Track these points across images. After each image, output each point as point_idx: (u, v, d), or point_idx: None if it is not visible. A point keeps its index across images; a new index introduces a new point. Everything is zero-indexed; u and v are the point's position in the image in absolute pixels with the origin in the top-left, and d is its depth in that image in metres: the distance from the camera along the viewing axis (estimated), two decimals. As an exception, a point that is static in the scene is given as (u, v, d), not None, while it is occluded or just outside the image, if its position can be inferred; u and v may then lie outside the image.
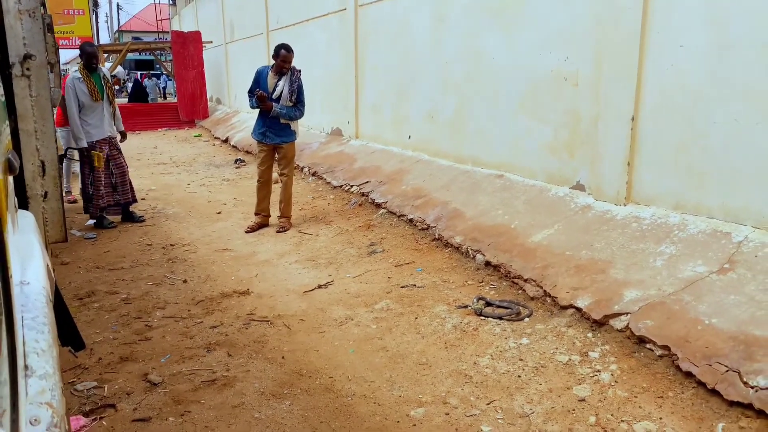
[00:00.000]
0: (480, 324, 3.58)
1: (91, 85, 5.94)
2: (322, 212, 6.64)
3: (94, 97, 5.97)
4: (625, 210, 4.20)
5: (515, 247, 4.32)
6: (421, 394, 2.91)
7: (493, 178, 5.55)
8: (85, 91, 5.92)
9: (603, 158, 4.41)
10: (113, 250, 5.47)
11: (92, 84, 5.95)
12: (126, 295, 4.33)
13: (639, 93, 4.08)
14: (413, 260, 4.83)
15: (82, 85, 5.91)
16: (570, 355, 3.14)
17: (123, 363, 3.31)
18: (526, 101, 5.26)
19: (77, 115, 5.89)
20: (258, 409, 2.82)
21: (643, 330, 3.06)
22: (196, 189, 8.32)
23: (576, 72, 4.65)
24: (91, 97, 5.95)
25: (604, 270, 3.67)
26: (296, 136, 6.08)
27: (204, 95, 17.03)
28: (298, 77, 5.87)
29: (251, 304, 4.12)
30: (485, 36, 5.74)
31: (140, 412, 2.82)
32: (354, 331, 3.67)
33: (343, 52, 8.99)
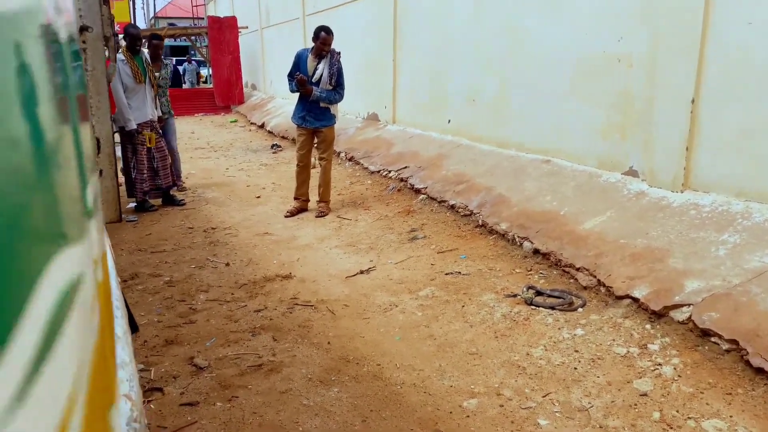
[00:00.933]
0: (531, 314, 3.46)
1: (135, 68, 5.94)
2: (360, 197, 6.56)
3: (138, 80, 5.97)
4: (682, 197, 4.01)
5: (565, 234, 4.17)
6: (473, 385, 2.81)
7: (538, 163, 5.39)
8: (129, 73, 5.92)
9: (658, 142, 4.22)
10: (155, 233, 5.48)
11: (136, 66, 5.95)
12: (169, 277, 4.32)
13: (700, 73, 3.88)
14: (456, 247, 4.72)
15: (126, 67, 5.91)
16: (628, 348, 3.00)
17: (168, 346, 3.29)
18: (574, 83, 5.07)
19: (124, 97, 5.89)
20: (306, 396, 2.76)
21: (707, 322, 2.90)
22: (235, 173, 8.32)
23: (630, 52, 4.45)
24: (135, 80, 5.95)
25: (661, 259, 3.51)
26: (336, 120, 6.00)
27: (239, 81, 17.06)
28: (337, 60, 5.78)
29: (294, 289, 4.07)
30: (530, 16, 5.55)
31: (187, 396, 2.79)
32: (399, 318, 3.58)
33: (380, 36, 8.86)
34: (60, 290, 0.64)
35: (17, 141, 0.56)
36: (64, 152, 0.79)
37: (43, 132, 0.66)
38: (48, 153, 0.68)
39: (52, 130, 0.72)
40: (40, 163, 0.64)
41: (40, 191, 0.64)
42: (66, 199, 0.77)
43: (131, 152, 6.08)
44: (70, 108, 0.94)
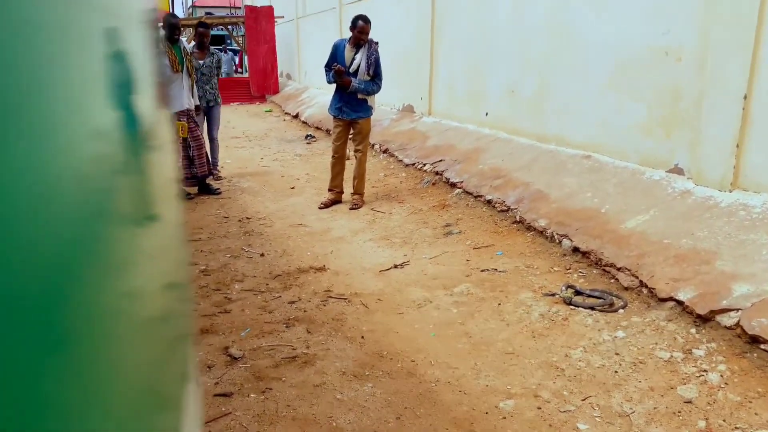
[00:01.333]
0: (570, 314, 3.38)
1: (172, 57, 5.98)
2: (395, 190, 6.51)
3: (174, 69, 6.01)
4: (731, 196, 3.86)
5: (606, 233, 4.06)
6: (510, 385, 2.75)
7: (579, 158, 5.26)
8: (166, 62, 5.96)
9: (706, 140, 4.07)
10: (191, 221, 5.53)
11: (173, 55, 5.99)
12: (204, 266, 4.35)
13: (754, 69, 3.71)
14: (492, 243, 4.64)
15: (163, 56, 5.95)
16: (672, 352, 2.90)
17: (203, 335, 3.31)
18: (617, 77, 4.92)
19: None
20: (340, 390, 2.74)
21: (757, 329, 2.78)
22: (269, 163, 8.35)
23: (679, 46, 4.29)
24: (172, 69, 6.00)
25: (708, 261, 3.38)
26: (372, 112, 5.96)
27: (275, 70, 17.12)
28: (375, 50, 5.73)
29: (328, 281, 4.06)
30: (574, 7, 5.40)
31: (222, 386, 2.79)
32: (434, 314, 3.53)
33: (418, 27, 8.76)
34: None
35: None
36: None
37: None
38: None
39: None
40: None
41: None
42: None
43: (168, 141, 6.13)
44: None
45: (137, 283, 0.59)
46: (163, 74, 5.96)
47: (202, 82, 7.12)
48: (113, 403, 0.52)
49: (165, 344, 0.64)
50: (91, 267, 0.49)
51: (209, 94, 7.20)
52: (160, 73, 1.06)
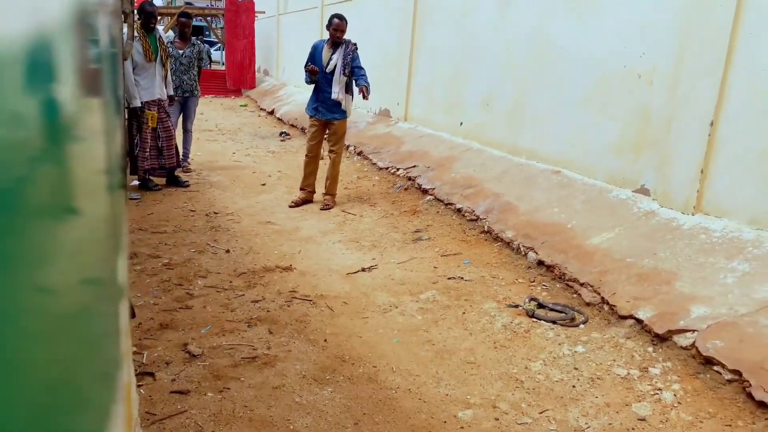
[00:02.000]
0: (532, 326, 3.41)
1: (147, 45, 5.88)
2: (367, 193, 6.50)
3: (148, 58, 5.91)
4: (693, 219, 3.96)
5: (571, 248, 4.12)
6: (469, 395, 2.77)
7: (549, 173, 5.33)
8: (140, 50, 5.86)
9: (673, 162, 4.16)
10: (157, 213, 5.43)
11: (148, 44, 5.89)
12: (168, 260, 4.27)
13: (722, 96, 3.81)
14: (460, 251, 4.67)
15: (138, 44, 5.85)
16: (629, 369, 2.96)
17: (163, 330, 3.25)
18: (592, 95, 5.00)
19: (132, 74, 5.85)
20: (299, 393, 2.72)
21: (711, 350, 2.85)
22: (241, 158, 8.26)
23: (652, 69, 4.39)
24: (145, 57, 5.90)
25: (668, 281, 3.46)
26: (348, 115, 5.95)
27: (252, 65, 16.97)
28: (352, 50, 5.73)
29: (294, 281, 4.03)
30: (554, 23, 5.48)
31: (179, 383, 2.75)
32: (398, 319, 3.53)
33: (399, 31, 8.78)
34: None
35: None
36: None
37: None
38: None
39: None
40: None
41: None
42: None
43: (136, 129, 6.03)
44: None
45: (50, 277, 0.57)
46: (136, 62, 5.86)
47: (179, 72, 7.03)
48: (18, 402, 0.50)
49: (83, 342, 0.61)
50: None
51: (186, 84, 7.10)
52: (104, 59, 1.02)
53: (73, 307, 0.60)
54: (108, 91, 1.00)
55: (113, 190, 0.98)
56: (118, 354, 0.88)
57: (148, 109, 5.97)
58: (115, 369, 0.79)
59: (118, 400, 0.78)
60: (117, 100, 1.21)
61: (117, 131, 1.14)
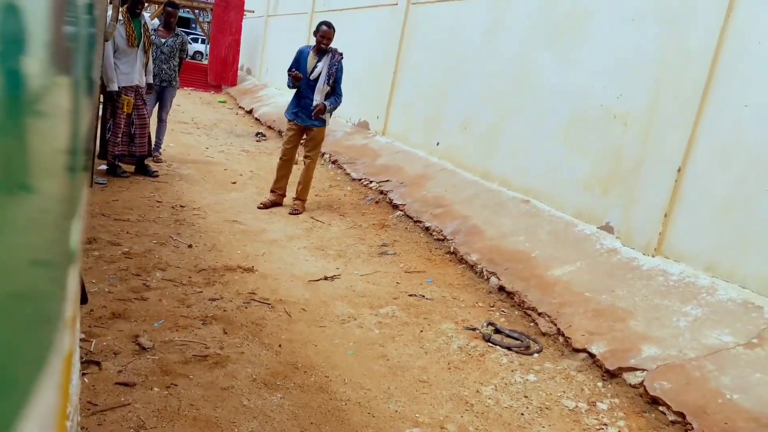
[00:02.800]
0: (487, 350, 3.43)
1: (131, 30, 5.80)
2: (338, 202, 6.49)
3: (130, 43, 5.83)
4: (653, 261, 4.05)
5: (533, 277, 4.17)
6: (419, 414, 2.76)
7: (518, 201, 5.40)
8: (123, 35, 5.78)
9: (639, 203, 4.26)
10: (122, 200, 5.33)
11: (132, 29, 5.81)
12: (128, 248, 4.19)
13: (691, 144, 3.93)
14: (424, 269, 4.68)
15: (121, 28, 5.77)
16: (577, 402, 2.99)
17: (115, 320, 3.17)
18: (568, 130, 5.10)
19: (112, 57, 5.75)
20: (248, 397, 2.68)
21: (658, 391, 2.91)
22: (214, 154, 8.17)
23: (627, 111, 4.50)
24: (127, 42, 5.82)
25: (623, 319, 3.52)
26: (327, 123, 5.95)
27: (236, 63, 16.86)
28: (338, 60, 5.73)
29: (254, 283, 3.98)
30: (538, 56, 5.59)
31: (125, 375, 2.68)
32: (356, 332, 3.52)
33: (385, 46, 8.84)
34: None
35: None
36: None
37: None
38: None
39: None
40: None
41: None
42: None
43: (110, 113, 5.92)
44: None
45: None
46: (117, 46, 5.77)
47: (160, 61, 6.95)
48: None
49: (15, 326, 0.59)
50: None
51: (165, 74, 7.02)
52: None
53: (9, 287, 0.58)
54: (81, 70, 0.98)
55: (74, 171, 0.95)
56: (62, 338, 0.85)
57: (124, 95, 5.88)
58: (54, 355, 0.76)
59: (52, 387, 0.75)
60: (90, 80, 1.19)
61: (86, 112, 1.11)
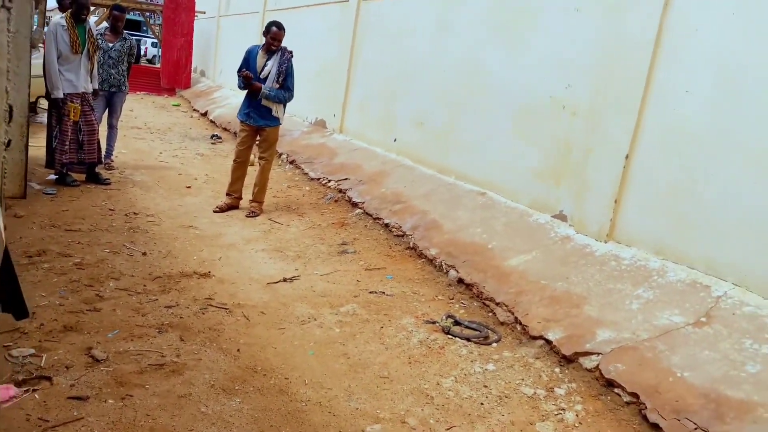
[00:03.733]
0: (447, 343, 3.47)
1: (74, 36, 5.65)
2: (296, 203, 6.45)
3: (75, 50, 5.68)
4: (606, 247, 4.14)
5: (490, 268, 4.22)
6: (380, 410, 2.77)
7: (475, 194, 5.45)
8: (67, 41, 5.63)
9: (590, 191, 4.35)
10: (72, 210, 5.19)
11: (76, 35, 5.66)
12: (80, 259, 4.08)
13: (637, 132, 4.03)
14: (385, 266, 4.69)
15: (65, 34, 5.62)
16: (536, 389, 3.04)
17: (66, 333, 3.09)
18: (519, 122, 5.17)
19: (56, 63, 5.59)
20: (206, 403, 2.64)
21: (613, 373, 2.98)
22: (168, 159, 8.03)
23: (576, 101, 4.59)
24: (72, 49, 5.66)
25: (578, 305, 3.60)
26: (281, 122, 5.90)
27: (189, 65, 16.58)
28: (287, 59, 5.69)
29: (211, 288, 3.93)
30: (488, 50, 5.65)
31: (78, 389, 2.62)
32: (316, 332, 3.51)
33: (338, 44, 8.81)
34: None
35: None
36: None
37: None
38: None
39: None
40: None
41: None
42: None
43: (56, 121, 5.76)
44: None
45: None
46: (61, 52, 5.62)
47: (107, 66, 6.79)
48: None
49: None
50: None
51: (113, 79, 6.86)
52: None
53: None
54: None
55: None
56: None
57: (70, 101, 5.72)
58: None
59: None
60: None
61: None
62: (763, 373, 2.78)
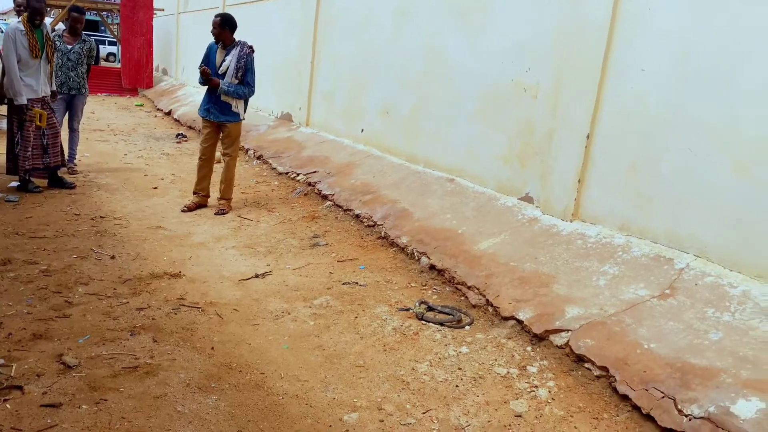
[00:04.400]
0: (421, 328, 3.51)
1: (33, 41, 5.53)
2: (265, 198, 6.42)
3: (34, 54, 5.56)
4: (571, 226, 4.22)
5: (461, 253, 4.27)
6: (356, 398, 2.80)
7: (443, 181, 5.50)
8: (26, 45, 5.51)
9: (554, 173, 4.42)
10: (36, 216, 5.09)
11: (34, 39, 5.54)
12: (46, 266, 4.02)
13: (597, 111, 4.11)
14: (357, 257, 4.71)
15: (24, 39, 5.50)
16: (509, 368, 3.10)
17: (36, 341, 3.05)
18: (483, 107, 5.22)
19: (17, 69, 5.46)
20: (182, 402, 2.64)
21: (583, 349, 3.05)
22: (133, 160, 7.91)
23: (536, 84, 4.65)
24: (31, 54, 5.54)
25: (547, 284, 3.67)
26: (242, 117, 5.84)
27: (150, 64, 16.31)
28: (246, 54, 5.65)
29: (182, 288, 3.91)
30: (448, 37, 5.68)
31: (50, 396, 2.59)
32: (290, 326, 3.52)
33: (301, 36, 8.76)
34: None
35: None
36: None
37: None
38: None
39: None
40: None
41: None
42: None
43: (17, 127, 5.64)
44: None
45: None
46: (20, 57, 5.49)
47: (66, 68, 6.67)
48: None
49: None
50: None
51: (73, 81, 6.73)
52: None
53: None
54: None
55: None
56: None
57: (33, 107, 5.60)
58: None
59: None
60: None
61: None
62: (725, 340, 2.88)
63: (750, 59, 3.27)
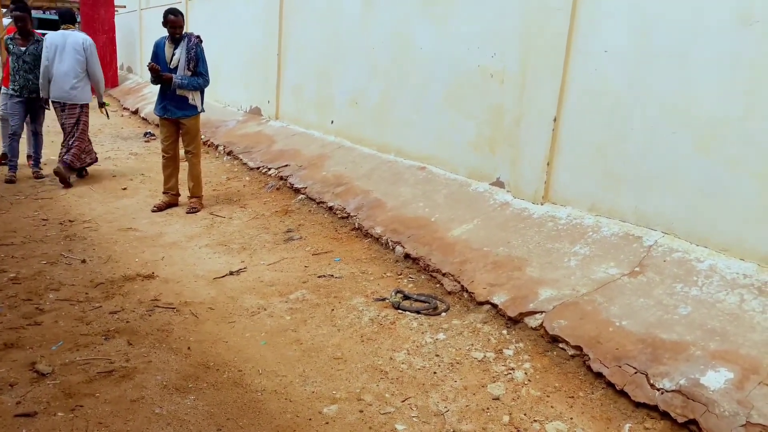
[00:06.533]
0: (397, 318, 3.53)
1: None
2: (237, 194, 6.37)
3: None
4: (542, 209, 4.27)
5: (435, 240, 4.29)
6: (335, 390, 2.81)
7: (415, 169, 5.51)
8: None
9: (523, 157, 4.46)
10: (2, 223, 4.99)
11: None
12: (15, 273, 3.95)
13: (562, 94, 4.15)
14: (331, 249, 4.71)
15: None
16: (485, 352, 3.14)
17: (7, 350, 3.00)
18: (452, 94, 5.24)
19: None
20: (159, 404, 2.62)
21: (557, 329, 3.10)
22: (101, 162, 7.76)
23: (503, 69, 4.67)
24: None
25: (520, 267, 3.71)
26: (200, 110, 5.74)
27: (114, 63, 16.00)
28: (195, 44, 5.56)
29: (156, 290, 3.87)
30: (414, 24, 5.67)
31: (24, 406, 2.55)
32: (267, 322, 3.51)
33: (266, 29, 8.66)
34: None
35: None
36: None
37: None
38: None
39: None
40: None
41: None
42: None
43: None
44: None
45: None
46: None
47: (24, 71, 6.50)
48: None
49: None
50: None
51: (32, 84, 6.58)
52: None
53: None
54: None
55: None
56: None
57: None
58: None
59: None
60: None
61: None
62: (694, 313, 2.95)
63: (703, 33, 3.32)
